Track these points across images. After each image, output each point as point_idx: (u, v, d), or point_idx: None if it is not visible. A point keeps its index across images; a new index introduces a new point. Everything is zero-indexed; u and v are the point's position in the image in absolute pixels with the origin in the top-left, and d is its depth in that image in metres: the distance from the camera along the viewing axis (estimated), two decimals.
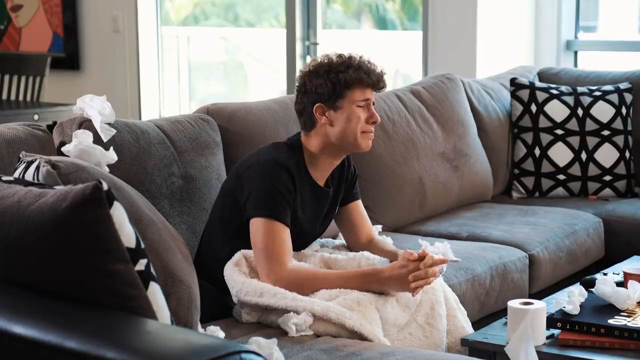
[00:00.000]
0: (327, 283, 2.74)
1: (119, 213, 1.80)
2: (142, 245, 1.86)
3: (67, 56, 6.79)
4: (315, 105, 2.87)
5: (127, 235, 1.81)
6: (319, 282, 2.75)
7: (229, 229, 2.86)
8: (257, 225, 2.77)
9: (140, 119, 6.37)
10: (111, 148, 2.79)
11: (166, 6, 7.02)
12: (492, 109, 4.58)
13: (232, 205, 2.84)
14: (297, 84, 2.95)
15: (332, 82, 2.85)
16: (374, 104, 2.92)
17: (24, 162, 2.42)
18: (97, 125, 2.86)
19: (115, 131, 2.91)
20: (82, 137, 2.74)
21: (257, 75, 7.27)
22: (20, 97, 6.21)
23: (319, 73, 2.88)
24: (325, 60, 2.90)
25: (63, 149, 2.75)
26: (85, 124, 2.88)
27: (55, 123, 3.20)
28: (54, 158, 2.42)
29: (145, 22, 6.56)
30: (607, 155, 4.49)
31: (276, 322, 2.67)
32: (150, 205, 2.43)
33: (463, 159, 4.26)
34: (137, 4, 6.48)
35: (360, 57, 2.91)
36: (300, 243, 2.91)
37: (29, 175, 2.36)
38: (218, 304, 2.79)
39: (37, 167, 2.36)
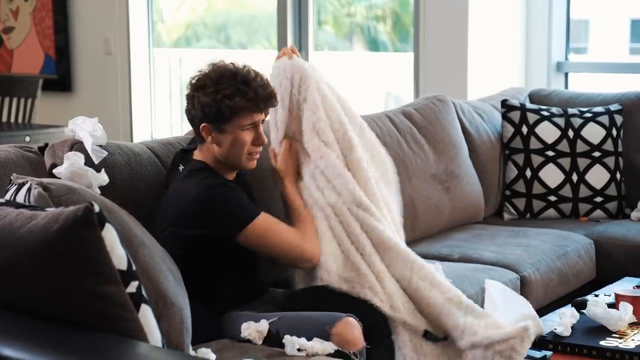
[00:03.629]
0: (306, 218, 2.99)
1: (110, 235, 1.80)
2: (134, 267, 1.86)
3: (59, 78, 6.79)
4: (202, 125, 2.85)
5: (119, 257, 1.81)
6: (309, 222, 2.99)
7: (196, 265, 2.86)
8: (249, 236, 2.82)
9: (132, 140, 6.37)
10: (102, 170, 2.79)
11: (158, 28, 7.04)
12: (484, 130, 4.59)
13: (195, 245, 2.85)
14: (186, 91, 2.91)
15: (219, 106, 2.81)
16: (263, 121, 2.93)
17: (16, 185, 2.42)
18: (89, 147, 2.86)
19: (106, 153, 2.91)
20: (74, 159, 2.74)
21: None
22: (12, 119, 6.21)
23: (206, 91, 2.83)
24: (213, 76, 2.85)
25: (54, 171, 2.74)
26: (77, 145, 2.88)
27: (46, 145, 3.21)
28: (45, 180, 2.42)
29: (137, 44, 6.57)
30: (598, 176, 4.50)
31: None
32: (142, 226, 2.43)
33: (454, 181, 4.27)
34: (129, 26, 6.49)
35: (249, 77, 2.86)
36: None
37: (20, 198, 2.36)
38: (209, 326, 2.78)
39: (29, 190, 2.36)
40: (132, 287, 1.83)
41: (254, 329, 2.71)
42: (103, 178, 2.77)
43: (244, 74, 2.86)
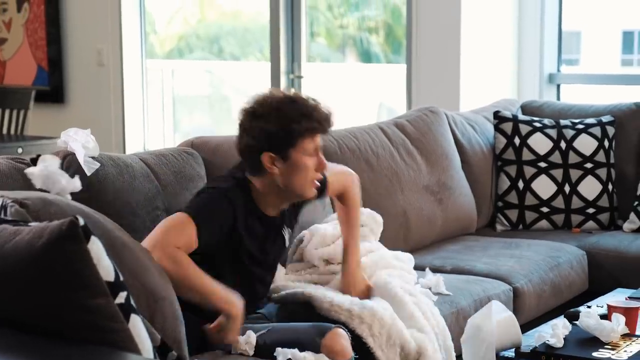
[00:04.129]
0: (199, 279, 2.63)
1: (96, 247, 1.80)
2: (121, 278, 1.86)
3: (52, 89, 6.79)
4: (264, 154, 2.80)
5: (106, 268, 1.81)
6: (193, 272, 2.63)
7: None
8: (176, 217, 2.70)
9: (124, 152, 6.36)
10: (76, 176, 2.73)
11: (151, 39, 7.04)
12: (476, 142, 4.60)
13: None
14: (240, 121, 2.85)
15: (285, 132, 2.78)
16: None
17: None
18: (81, 158, 2.85)
19: (99, 165, 2.90)
20: (49, 162, 2.70)
21: None
22: (4, 131, 6.20)
23: (269, 119, 2.79)
24: (274, 104, 2.82)
25: (26, 171, 2.70)
26: (69, 157, 2.87)
27: (39, 156, 3.20)
28: (20, 196, 2.39)
29: (130, 55, 6.57)
30: (590, 187, 4.51)
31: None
32: (120, 227, 2.40)
33: (447, 192, 4.27)
34: (121, 37, 6.49)
35: (309, 101, 2.84)
36: (260, 273, 2.93)
37: None
38: (203, 335, 2.77)
39: (4, 207, 2.34)
40: (121, 297, 1.83)
41: (243, 341, 2.70)
42: (76, 184, 2.71)
43: (300, 99, 2.84)
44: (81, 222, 1.79)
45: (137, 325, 1.86)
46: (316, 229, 3.34)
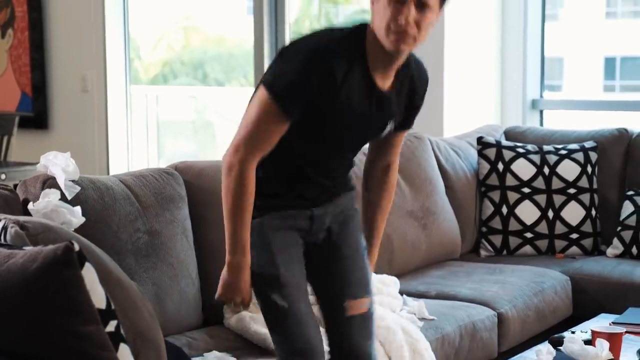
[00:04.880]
0: (241, 218, 2.54)
1: (90, 274, 1.80)
2: (112, 306, 1.85)
3: (35, 115, 6.77)
4: None
5: (98, 295, 1.81)
6: (238, 207, 2.53)
7: None
8: (260, 96, 2.56)
9: None
10: (78, 207, 2.77)
11: (135, 65, 7.04)
12: (460, 167, 4.61)
13: None
14: None
15: None
16: (423, 5, 2.57)
17: None
18: (61, 182, 2.84)
19: (79, 188, 2.89)
20: (52, 197, 2.73)
21: (226, 134, 7.29)
22: None
23: None
24: None
25: (30, 207, 2.72)
26: (50, 181, 2.86)
27: (21, 182, 3.19)
28: (21, 219, 2.40)
29: (114, 81, 6.56)
30: (573, 213, 4.52)
31: None
32: (116, 264, 2.42)
33: (431, 218, 4.27)
34: (106, 63, 6.48)
35: None
36: (329, 134, 2.72)
37: None
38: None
39: (4, 228, 2.34)
40: (111, 326, 1.82)
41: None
42: (80, 217, 2.75)
43: None
44: (76, 247, 1.78)
45: (125, 355, 1.85)
46: None
